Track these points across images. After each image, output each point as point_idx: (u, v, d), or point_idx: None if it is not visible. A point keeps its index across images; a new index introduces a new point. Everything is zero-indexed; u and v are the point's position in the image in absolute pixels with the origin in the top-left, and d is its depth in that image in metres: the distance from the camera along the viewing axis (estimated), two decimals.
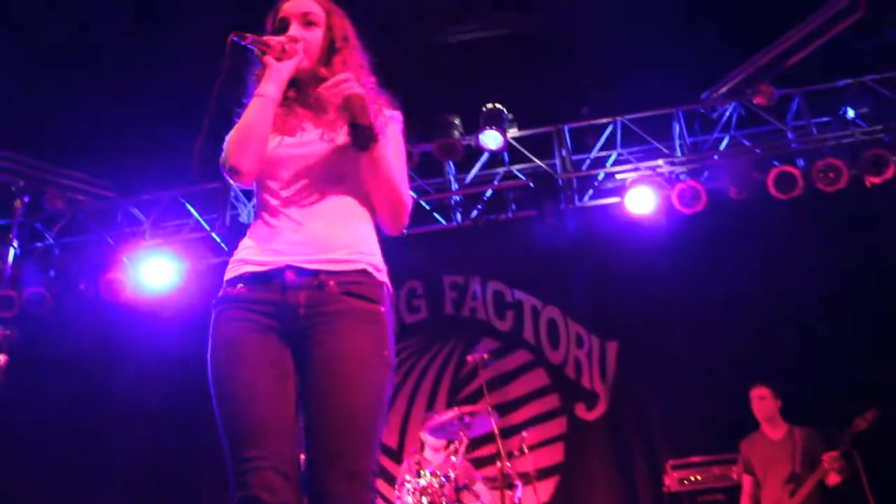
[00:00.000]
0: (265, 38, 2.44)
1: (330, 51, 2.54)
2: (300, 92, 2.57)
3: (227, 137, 2.44)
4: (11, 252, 3.95)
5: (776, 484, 6.29)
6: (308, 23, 2.53)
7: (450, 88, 7.83)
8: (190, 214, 8.31)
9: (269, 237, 2.41)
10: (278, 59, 2.42)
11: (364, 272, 2.37)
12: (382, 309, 2.38)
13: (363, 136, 2.32)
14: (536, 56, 7.85)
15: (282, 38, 2.44)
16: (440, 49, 7.68)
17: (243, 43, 2.40)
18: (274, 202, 2.45)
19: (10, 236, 3.98)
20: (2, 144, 7.51)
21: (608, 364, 7.93)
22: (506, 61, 7.90)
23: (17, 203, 4.01)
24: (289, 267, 2.33)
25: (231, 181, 2.47)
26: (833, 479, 6.06)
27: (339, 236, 2.39)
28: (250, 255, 2.41)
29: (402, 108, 2.64)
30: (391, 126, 2.56)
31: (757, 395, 6.61)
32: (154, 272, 7.88)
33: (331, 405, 2.24)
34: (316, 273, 2.32)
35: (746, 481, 6.49)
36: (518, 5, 7.51)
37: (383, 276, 2.44)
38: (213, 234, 8.18)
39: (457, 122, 7.74)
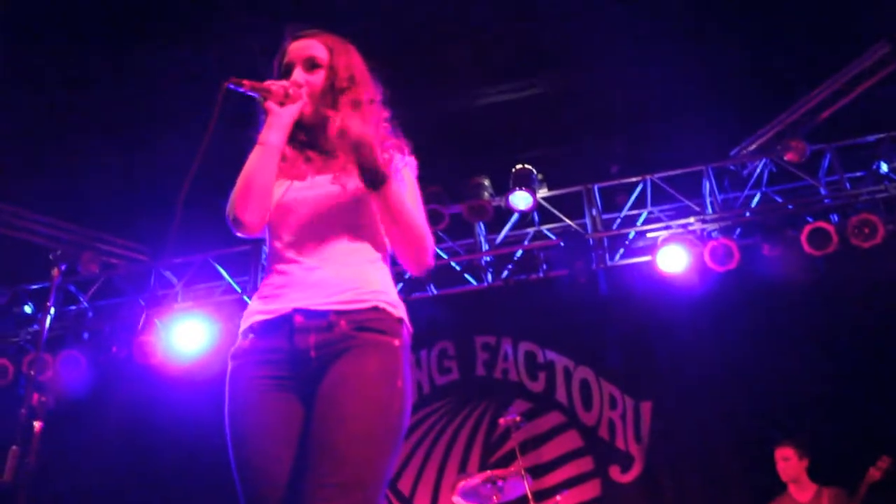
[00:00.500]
0: (266, 83, 2.40)
1: (336, 91, 2.48)
2: (309, 136, 2.52)
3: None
4: (49, 317, 3.94)
5: None
6: (312, 66, 2.50)
7: (479, 150, 7.94)
8: (221, 277, 8.35)
9: (278, 284, 2.37)
10: (281, 105, 2.39)
11: (376, 309, 2.31)
12: (396, 342, 2.31)
13: (373, 175, 2.27)
14: (565, 116, 7.95)
15: (284, 83, 2.42)
16: (470, 111, 7.78)
17: (241, 90, 2.37)
18: (284, 249, 2.42)
19: (48, 303, 3.97)
20: (42, 209, 7.64)
21: (642, 425, 7.81)
22: (535, 121, 8.01)
23: (55, 271, 4.01)
24: (297, 311, 2.28)
25: (235, 231, 2.41)
26: None
27: (349, 278, 2.34)
28: (260, 304, 2.39)
29: (433, 171, 2.65)
30: (406, 170, 2.53)
31: (781, 456, 6.50)
32: (186, 335, 7.90)
33: (333, 428, 2.12)
34: (325, 314, 2.27)
35: None
36: (545, 65, 7.58)
37: (400, 312, 2.37)
38: (245, 297, 8.20)
39: (486, 183, 7.81)
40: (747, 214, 7.83)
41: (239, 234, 2.43)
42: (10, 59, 6.68)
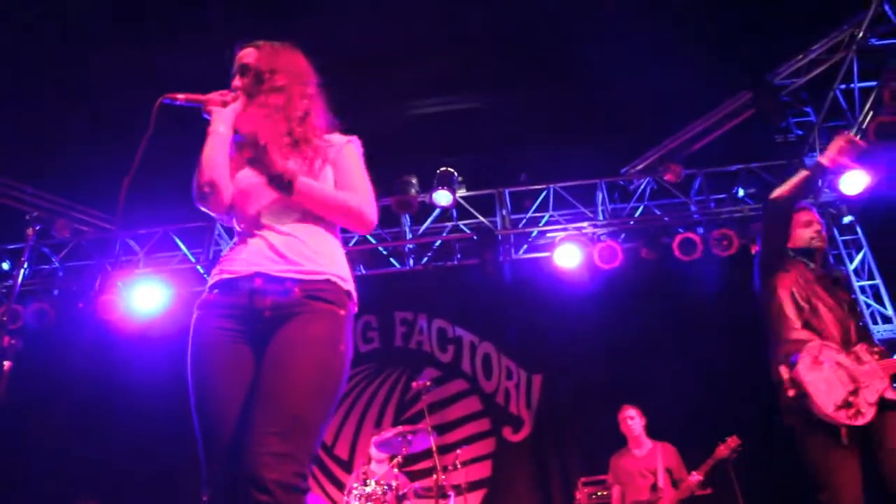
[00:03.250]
0: (204, 96, 2.44)
1: (259, 82, 2.51)
2: (254, 129, 2.49)
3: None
4: (22, 273, 3.92)
5: (639, 494, 6.39)
6: (244, 71, 2.54)
7: (409, 154, 7.92)
8: (178, 248, 8.31)
9: (242, 251, 2.37)
10: (223, 108, 2.44)
11: (328, 281, 2.31)
12: (342, 312, 2.31)
13: (277, 181, 2.33)
14: (484, 129, 8.04)
15: (222, 92, 2.47)
16: (404, 120, 7.84)
17: (176, 104, 2.40)
18: (247, 226, 2.43)
19: (23, 259, 3.96)
20: (23, 178, 7.56)
21: (533, 394, 8.08)
22: (459, 132, 8.06)
23: (30, 231, 3.99)
24: (258, 274, 2.29)
25: (205, 210, 2.42)
26: (706, 491, 6.16)
27: (305, 251, 2.34)
28: (226, 265, 2.39)
29: (369, 169, 2.59)
30: (348, 147, 2.55)
31: (626, 416, 6.72)
32: (145, 296, 7.85)
33: (275, 381, 2.12)
34: (282, 280, 2.27)
35: (615, 492, 6.59)
36: (470, 85, 7.74)
37: (348, 286, 2.37)
38: (198, 267, 8.19)
39: (414, 181, 7.83)
40: (631, 223, 8.02)
41: (203, 209, 2.42)
42: None
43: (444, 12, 6.94)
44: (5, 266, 8.17)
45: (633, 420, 6.69)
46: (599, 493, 6.78)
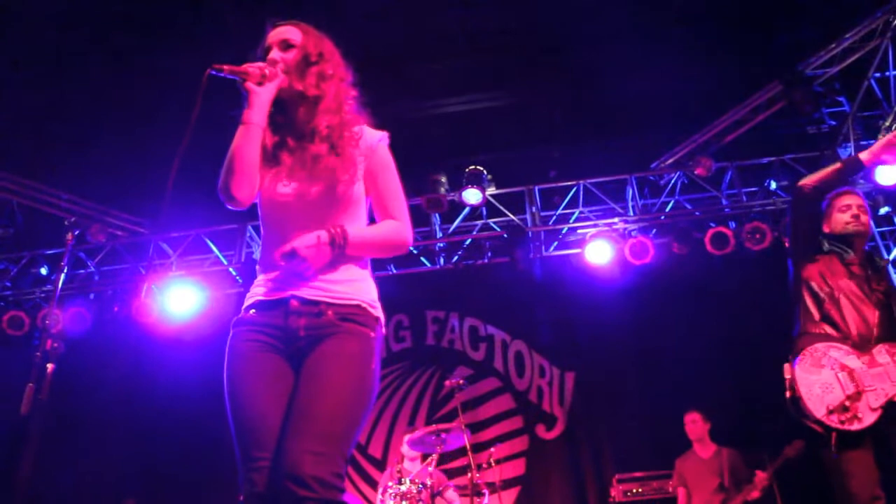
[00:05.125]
0: (244, 66, 2.31)
1: (306, 65, 2.41)
2: (286, 115, 2.44)
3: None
4: (62, 277, 3.97)
5: (706, 495, 6.40)
6: (287, 46, 2.42)
7: (440, 152, 7.96)
8: (211, 250, 8.36)
9: (277, 271, 2.37)
10: (260, 84, 2.32)
11: (359, 306, 2.34)
12: (372, 334, 2.34)
13: (338, 250, 2.32)
14: (514, 127, 8.03)
15: (261, 64, 2.34)
16: (434, 118, 7.85)
17: (222, 75, 2.28)
18: (278, 238, 2.36)
19: (62, 264, 4.00)
20: (60, 185, 7.67)
21: (566, 391, 8.01)
22: (489, 130, 8.08)
23: (69, 236, 4.03)
24: (293, 296, 2.31)
25: (227, 205, 2.35)
26: (754, 495, 6.16)
27: (337, 277, 2.34)
28: (261, 286, 2.40)
29: (398, 168, 2.52)
30: (378, 150, 2.47)
31: (689, 420, 6.76)
32: (178, 299, 7.92)
33: (314, 391, 2.18)
34: (317, 303, 2.30)
35: (681, 493, 6.59)
36: (501, 82, 7.72)
37: (378, 313, 2.39)
38: (230, 269, 8.25)
39: (443, 180, 7.84)
40: (662, 218, 7.95)
41: (229, 207, 2.36)
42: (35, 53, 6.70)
43: (469, 10, 6.94)
44: (43, 271, 8.31)
45: (694, 423, 6.73)
46: (635, 490, 6.75)
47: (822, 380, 3.51)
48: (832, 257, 3.81)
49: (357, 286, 2.38)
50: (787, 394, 3.58)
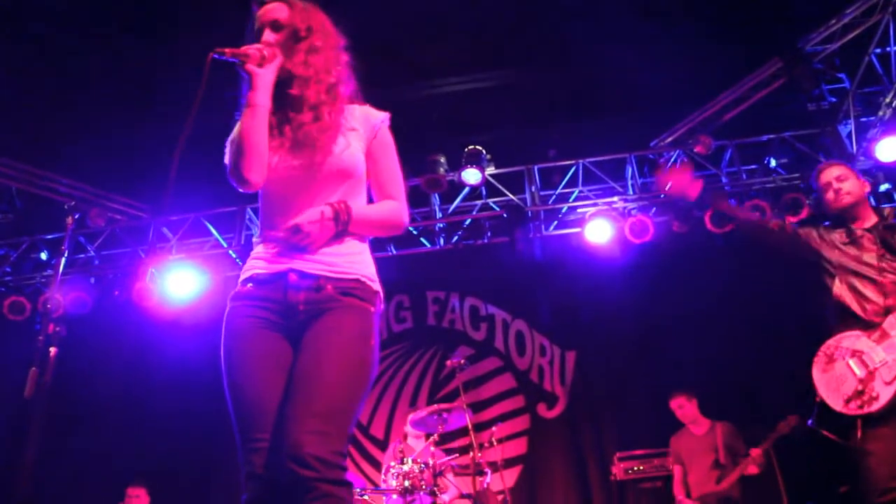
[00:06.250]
0: (243, 49, 2.29)
1: (295, 41, 2.40)
2: (281, 93, 2.39)
3: (228, 149, 2.37)
4: (62, 262, 3.95)
5: (702, 472, 6.42)
6: (277, 27, 2.41)
7: (438, 131, 7.90)
8: (210, 233, 8.38)
9: (275, 245, 2.35)
10: (260, 66, 2.30)
11: (358, 280, 2.32)
12: (372, 308, 2.33)
13: (339, 230, 2.33)
14: (512, 106, 7.96)
15: (259, 46, 2.32)
16: (432, 98, 7.78)
17: (224, 58, 2.26)
18: (280, 217, 2.36)
19: (63, 248, 3.98)
20: (59, 170, 7.66)
21: (567, 370, 8.04)
22: (488, 110, 8.01)
23: (69, 220, 4.00)
24: (292, 270, 2.29)
25: (239, 189, 2.34)
26: (752, 470, 6.20)
27: (338, 250, 2.33)
28: (259, 259, 2.37)
29: (397, 149, 2.52)
30: (380, 130, 2.49)
31: (676, 406, 6.77)
32: (178, 282, 7.94)
33: (313, 368, 2.15)
34: (316, 277, 2.28)
35: (677, 471, 6.62)
36: (500, 61, 7.65)
37: (376, 287, 2.38)
38: (230, 251, 8.25)
39: (442, 160, 7.80)
40: (662, 196, 7.86)
41: (241, 190, 2.35)
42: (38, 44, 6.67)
43: None
44: (43, 256, 8.32)
45: (681, 408, 6.74)
46: (636, 468, 6.80)
47: (835, 374, 3.51)
48: (838, 243, 3.77)
49: (356, 259, 2.37)
50: (816, 398, 3.57)
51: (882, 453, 3.37)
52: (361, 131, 2.46)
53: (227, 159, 2.35)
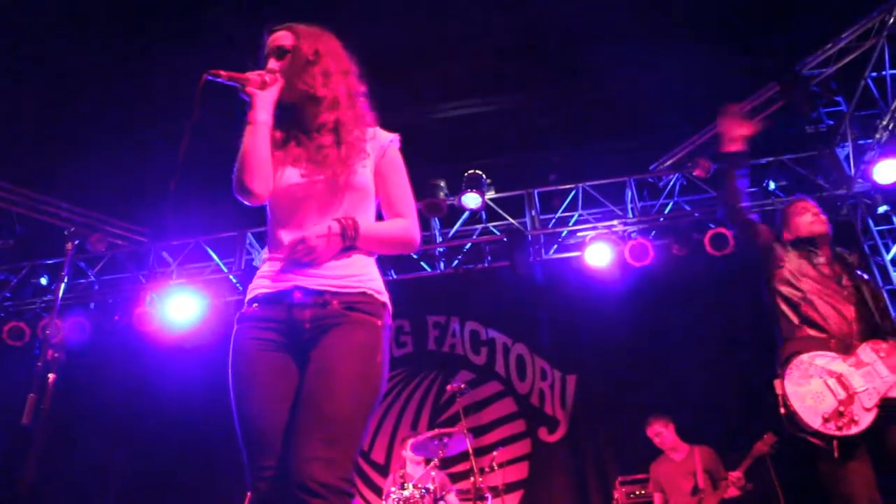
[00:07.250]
0: (245, 74, 2.34)
1: (306, 65, 2.42)
2: (293, 115, 2.45)
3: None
4: (62, 287, 3.95)
5: (682, 498, 6.34)
6: (282, 53, 2.44)
7: (438, 156, 7.91)
8: (211, 258, 8.37)
9: (280, 262, 2.34)
10: (261, 90, 2.34)
11: (364, 293, 2.31)
12: (379, 322, 2.31)
13: (348, 243, 2.33)
14: (512, 130, 8.01)
15: (260, 72, 2.36)
16: (432, 123, 7.84)
17: (219, 80, 2.29)
18: (285, 232, 2.37)
19: (63, 273, 3.98)
20: (59, 195, 7.67)
21: (568, 394, 7.98)
22: (488, 135, 8.04)
23: (69, 245, 4.01)
24: (297, 288, 2.28)
25: (245, 202, 2.34)
26: (732, 493, 6.11)
27: (343, 265, 2.32)
28: (264, 278, 2.36)
29: None
30: (389, 151, 2.49)
31: (653, 434, 6.68)
32: (179, 307, 7.92)
33: (318, 391, 2.13)
34: (321, 293, 2.27)
35: (657, 498, 6.53)
36: (500, 87, 7.71)
37: (384, 298, 2.36)
38: (231, 276, 8.24)
39: (442, 184, 7.82)
40: (661, 219, 7.94)
41: (248, 203, 2.34)
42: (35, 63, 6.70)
43: (466, 15, 6.94)
44: (43, 281, 8.31)
45: (659, 436, 6.64)
46: (638, 493, 6.72)
47: (812, 390, 3.50)
48: (800, 261, 3.83)
49: (362, 273, 2.35)
50: (781, 410, 3.57)
51: (859, 480, 3.40)
52: (370, 150, 2.48)
53: (233, 177, 2.36)
